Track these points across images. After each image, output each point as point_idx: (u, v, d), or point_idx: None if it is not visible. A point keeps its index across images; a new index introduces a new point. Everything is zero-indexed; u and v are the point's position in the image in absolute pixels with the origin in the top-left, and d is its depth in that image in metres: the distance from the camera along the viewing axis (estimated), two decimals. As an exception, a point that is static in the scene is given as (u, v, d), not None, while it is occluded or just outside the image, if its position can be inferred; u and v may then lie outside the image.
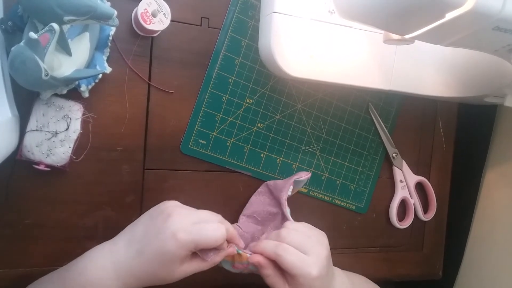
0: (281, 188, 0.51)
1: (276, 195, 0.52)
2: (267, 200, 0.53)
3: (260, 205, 0.53)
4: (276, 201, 0.53)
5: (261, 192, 0.54)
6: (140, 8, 0.44)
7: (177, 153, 0.51)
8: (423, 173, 0.66)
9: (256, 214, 0.54)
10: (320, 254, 0.43)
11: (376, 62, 0.52)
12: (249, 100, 0.54)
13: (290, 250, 0.42)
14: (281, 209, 0.51)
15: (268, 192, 0.54)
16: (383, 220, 0.64)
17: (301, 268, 0.41)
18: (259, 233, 0.52)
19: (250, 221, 0.54)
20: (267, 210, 0.53)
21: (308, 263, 0.42)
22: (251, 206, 0.54)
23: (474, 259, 0.66)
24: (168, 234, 0.39)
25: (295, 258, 0.42)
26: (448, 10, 0.33)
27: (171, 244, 0.39)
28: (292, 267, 0.41)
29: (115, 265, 0.40)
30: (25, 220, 0.45)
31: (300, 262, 0.42)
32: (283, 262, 0.42)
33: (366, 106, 0.61)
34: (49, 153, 0.43)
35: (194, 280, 0.49)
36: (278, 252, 0.42)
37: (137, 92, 0.49)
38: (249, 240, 0.51)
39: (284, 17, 0.47)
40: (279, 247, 0.43)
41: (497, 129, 0.66)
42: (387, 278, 0.65)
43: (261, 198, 0.54)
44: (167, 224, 0.40)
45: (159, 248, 0.39)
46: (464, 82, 0.56)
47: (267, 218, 0.53)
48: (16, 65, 0.35)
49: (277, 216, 0.52)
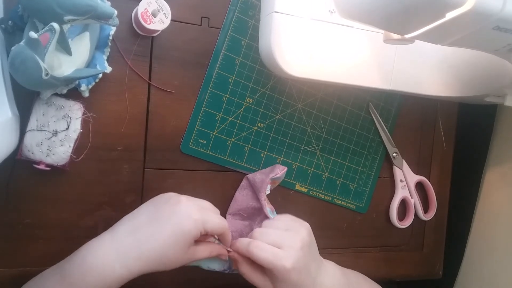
0: (258, 188, 0.51)
1: (256, 193, 0.52)
2: (250, 194, 0.53)
3: (244, 201, 0.53)
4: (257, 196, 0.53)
5: (243, 186, 0.54)
6: (140, 7, 0.44)
7: (177, 152, 0.51)
8: (423, 172, 0.66)
9: (241, 211, 0.54)
10: (295, 246, 0.44)
11: (376, 62, 0.52)
12: (250, 100, 0.54)
13: (261, 246, 0.43)
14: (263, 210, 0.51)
15: (249, 186, 0.54)
16: (383, 220, 0.64)
17: (273, 262, 0.42)
18: (246, 229, 0.53)
19: (237, 218, 0.54)
20: (251, 206, 0.53)
21: (280, 256, 0.43)
22: (235, 203, 0.54)
23: (474, 259, 0.66)
24: (184, 215, 0.41)
25: (266, 253, 0.43)
26: (448, 9, 0.33)
27: (187, 223, 0.40)
28: (264, 261, 0.43)
29: (118, 252, 0.40)
30: (25, 220, 0.45)
31: (273, 256, 0.43)
32: (256, 259, 0.43)
33: (366, 105, 0.61)
34: (49, 153, 0.43)
35: (194, 280, 0.50)
36: (250, 249, 0.44)
37: (137, 91, 0.49)
38: (237, 238, 0.52)
39: (284, 16, 0.47)
40: (251, 244, 0.44)
41: (497, 129, 0.66)
42: (387, 278, 0.65)
43: (243, 192, 0.54)
44: (179, 207, 0.42)
45: (176, 229, 0.40)
46: (464, 82, 0.56)
47: (253, 212, 0.53)
48: (16, 64, 0.35)
49: (261, 210, 0.53)
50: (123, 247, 0.40)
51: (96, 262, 0.39)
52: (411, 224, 0.64)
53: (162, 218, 0.42)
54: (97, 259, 0.39)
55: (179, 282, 0.52)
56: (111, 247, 0.40)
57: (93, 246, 0.41)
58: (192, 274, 0.52)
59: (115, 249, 0.40)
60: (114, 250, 0.40)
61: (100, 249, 0.40)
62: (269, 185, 0.51)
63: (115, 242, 0.41)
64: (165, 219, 0.41)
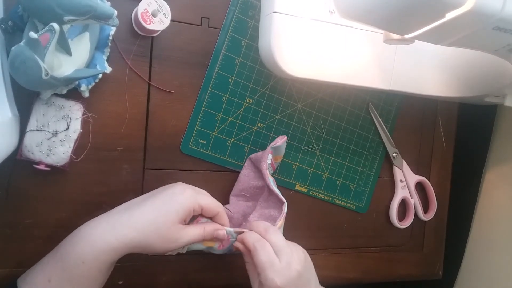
0: (260, 159, 0.51)
1: (258, 166, 0.52)
2: (252, 174, 0.53)
3: (246, 181, 0.53)
4: (260, 174, 0.53)
5: (246, 166, 0.54)
6: (140, 8, 0.44)
7: (177, 153, 0.51)
8: (423, 173, 0.66)
9: (244, 192, 0.54)
10: (292, 268, 0.42)
11: (376, 62, 0.52)
12: (249, 100, 0.54)
13: (267, 249, 0.43)
14: (265, 180, 0.51)
15: (251, 166, 0.54)
16: (383, 220, 0.64)
17: (266, 270, 0.41)
18: (249, 210, 0.53)
19: (240, 199, 0.54)
20: (253, 185, 0.53)
21: (275, 269, 0.41)
22: (238, 184, 0.54)
23: (474, 259, 0.66)
24: (178, 189, 0.43)
25: (266, 258, 0.42)
26: (448, 10, 0.33)
27: (181, 196, 0.42)
28: (259, 264, 0.42)
29: (109, 222, 0.40)
30: (25, 220, 0.45)
31: (269, 264, 0.41)
32: (255, 257, 0.42)
33: (366, 106, 0.61)
34: (49, 153, 0.43)
35: (194, 280, 0.50)
36: (256, 246, 0.43)
37: (137, 92, 0.49)
38: (240, 220, 0.52)
39: (284, 17, 0.47)
40: (259, 242, 0.43)
41: (497, 129, 0.66)
42: (387, 278, 0.65)
43: (245, 172, 0.54)
44: (175, 185, 0.44)
45: (168, 198, 0.42)
46: (464, 82, 0.56)
47: (255, 192, 0.53)
48: (16, 65, 0.35)
49: (263, 189, 0.53)
50: (114, 218, 0.41)
51: (87, 231, 0.40)
52: (411, 224, 0.64)
53: (156, 194, 0.43)
54: (87, 229, 0.40)
55: (179, 282, 0.52)
56: (103, 219, 0.41)
57: (88, 222, 0.41)
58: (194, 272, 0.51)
59: (106, 221, 0.41)
60: (105, 221, 0.41)
61: (93, 221, 0.41)
62: (270, 154, 0.51)
63: (108, 216, 0.41)
64: (159, 193, 0.43)
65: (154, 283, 0.51)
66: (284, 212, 0.49)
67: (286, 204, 0.49)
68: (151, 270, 0.51)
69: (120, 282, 0.49)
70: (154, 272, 0.51)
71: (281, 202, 0.50)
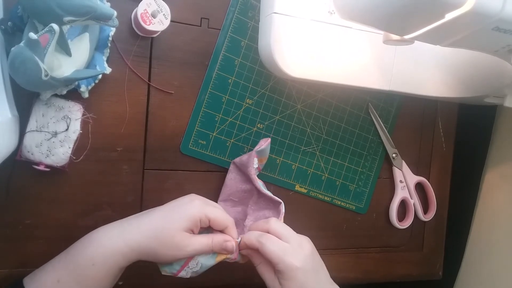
0: (246, 164, 0.51)
1: (244, 171, 0.52)
2: (238, 177, 0.53)
3: (233, 185, 0.53)
4: (246, 177, 0.52)
5: (230, 171, 0.53)
6: (140, 8, 0.44)
7: (177, 153, 0.51)
8: (423, 173, 0.66)
9: (232, 196, 0.53)
10: (304, 247, 0.44)
11: (376, 63, 0.52)
12: (249, 101, 0.54)
13: (273, 239, 0.43)
14: (253, 184, 0.51)
15: (236, 169, 0.53)
16: (383, 220, 0.64)
17: (282, 257, 0.42)
18: (240, 215, 0.53)
19: (228, 205, 0.53)
20: (241, 189, 0.53)
21: (290, 252, 0.42)
22: (225, 188, 0.53)
23: (474, 259, 0.66)
24: (187, 199, 0.44)
25: (276, 247, 0.42)
26: (448, 10, 0.33)
27: (189, 205, 0.43)
28: (273, 255, 0.42)
29: (119, 228, 0.41)
30: (25, 220, 0.45)
31: (282, 251, 0.42)
32: (265, 251, 0.42)
33: (366, 106, 0.61)
34: (49, 154, 0.43)
35: (195, 280, 0.49)
36: (261, 240, 0.43)
37: (137, 92, 0.49)
38: None
39: (284, 17, 0.47)
40: (263, 236, 0.44)
41: (497, 129, 0.66)
42: (387, 278, 0.65)
43: (231, 176, 0.53)
44: (185, 197, 0.45)
45: (176, 205, 0.43)
46: (464, 82, 0.56)
47: (243, 196, 0.53)
48: (16, 65, 0.35)
49: (252, 192, 0.52)
50: (125, 225, 0.42)
51: (98, 235, 0.41)
52: (411, 225, 0.64)
53: (168, 203, 0.44)
54: (99, 233, 0.41)
55: (179, 281, 0.52)
56: (115, 225, 0.42)
57: (101, 226, 0.42)
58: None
59: (117, 227, 0.42)
60: (116, 227, 0.42)
61: (106, 226, 0.42)
62: (256, 159, 0.51)
63: (121, 222, 0.42)
64: (170, 203, 0.44)
65: (154, 284, 0.51)
66: (283, 212, 0.49)
67: (283, 204, 0.49)
68: (151, 270, 0.51)
69: (120, 283, 0.49)
70: (154, 272, 0.51)
71: (276, 202, 0.50)
